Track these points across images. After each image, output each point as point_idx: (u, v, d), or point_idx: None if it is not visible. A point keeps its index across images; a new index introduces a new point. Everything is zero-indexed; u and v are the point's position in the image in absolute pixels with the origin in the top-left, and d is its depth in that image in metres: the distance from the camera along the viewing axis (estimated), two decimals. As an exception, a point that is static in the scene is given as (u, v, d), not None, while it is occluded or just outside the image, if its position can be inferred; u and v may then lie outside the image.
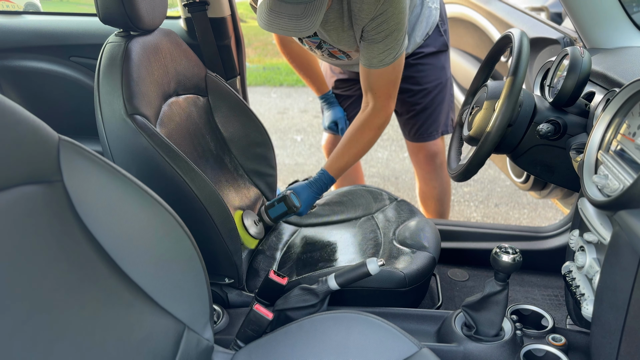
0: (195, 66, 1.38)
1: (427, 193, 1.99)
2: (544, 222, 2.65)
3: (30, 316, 0.58)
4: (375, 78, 1.39)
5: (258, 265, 1.42)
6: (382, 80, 1.39)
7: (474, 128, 1.13)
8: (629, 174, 0.79)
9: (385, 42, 1.30)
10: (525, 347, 1.04)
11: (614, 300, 0.80)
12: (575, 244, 1.01)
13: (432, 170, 1.92)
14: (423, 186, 2.00)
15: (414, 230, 1.40)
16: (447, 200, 2.03)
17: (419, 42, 1.66)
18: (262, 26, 1.15)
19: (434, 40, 1.69)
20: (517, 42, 1.03)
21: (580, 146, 1.01)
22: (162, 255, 0.80)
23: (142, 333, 0.74)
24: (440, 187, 1.96)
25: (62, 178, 0.67)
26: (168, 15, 1.34)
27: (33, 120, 0.63)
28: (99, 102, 1.08)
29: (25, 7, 2.79)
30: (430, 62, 1.71)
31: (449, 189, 2.00)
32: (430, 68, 1.71)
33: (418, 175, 2.00)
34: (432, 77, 1.72)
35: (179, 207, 0.85)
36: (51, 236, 0.63)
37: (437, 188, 1.96)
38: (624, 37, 1.28)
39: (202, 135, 1.36)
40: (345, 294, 1.21)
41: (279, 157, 3.49)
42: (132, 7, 1.08)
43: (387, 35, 1.28)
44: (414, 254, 1.30)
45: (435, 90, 1.75)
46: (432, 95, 1.75)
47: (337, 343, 0.92)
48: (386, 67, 1.35)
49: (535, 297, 1.63)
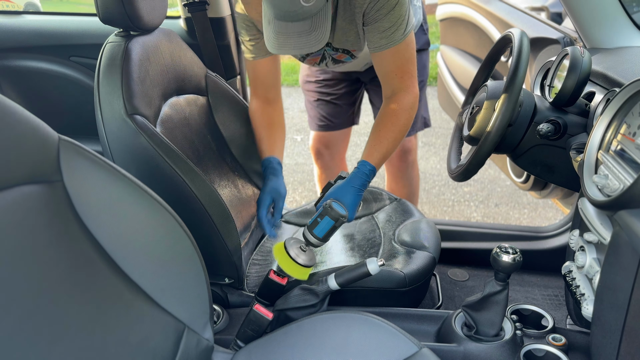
0: (195, 66, 1.37)
1: (396, 192, 2.00)
2: (544, 222, 2.65)
3: (30, 316, 0.58)
4: (389, 60, 1.30)
5: (258, 265, 1.42)
6: (399, 60, 1.30)
7: (474, 128, 1.13)
8: (629, 173, 0.79)
9: (389, 19, 1.23)
10: (526, 347, 1.04)
11: (614, 300, 0.80)
12: (575, 243, 1.01)
13: (404, 168, 1.93)
14: (392, 184, 2.01)
15: (413, 230, 1.40)
16: (415, 201, 2.04)
17: None
18: (273, 51, 1.14)
19: (418, 39, 1.69)
20: (517, 42, 1.03)
21: (580, 146, 1.01)
22: (162, 255, 0.80)
23: (142, 333, 0.74)
24: (409, 187, 1.97)
25: (62, 178, 0.67)
26: (168, 15, 1.34)
27: (33, 120, 0.63)
28: (99, 102, 1.08)
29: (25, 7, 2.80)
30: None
31: (417, 188, 2.01)
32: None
33: (388, 172, 2.01)
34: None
35: (178, 207, 0.85)
36: (51, 236, 0.63)
37: (406, 187, 1.97)
38: (624, 37, 1.28)
39: (203, 135, 1.36)
40: (345, 294, 1.21)
41: (279, 157, 3.48)
42: (132, 7, 1.08)
43: (389, 10, 1.22)
44: (414, 254, 1.30)
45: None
46: None
47: (337, 343, 0.92)
48: (398, 45, 1.26)
49: (535, 297, 1.63)
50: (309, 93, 1.88)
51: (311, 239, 1.19)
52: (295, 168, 3.40)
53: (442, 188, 3.04)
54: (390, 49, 1.26)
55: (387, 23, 1.23)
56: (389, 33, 1.24)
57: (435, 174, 3.19)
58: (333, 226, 1.19)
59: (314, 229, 1.19)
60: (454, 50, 2.42)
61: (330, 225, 1.18)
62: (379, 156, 1.29)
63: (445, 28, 2.57)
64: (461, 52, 2.37)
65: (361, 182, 1.26)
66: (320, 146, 1.97)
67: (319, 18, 1.09)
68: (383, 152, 1.30)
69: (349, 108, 1.88)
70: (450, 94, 2.46)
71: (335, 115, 1.87)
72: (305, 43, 1.10)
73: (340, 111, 1.87)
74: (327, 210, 1.18)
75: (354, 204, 1.24)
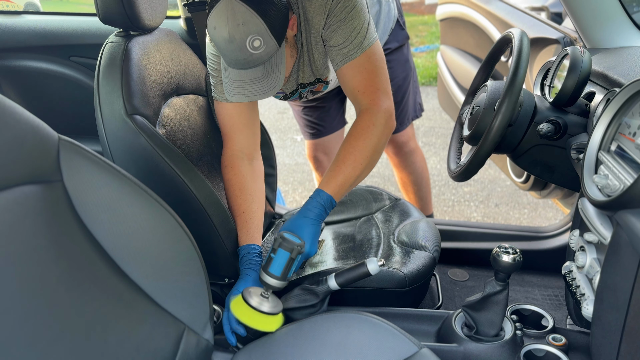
0: (195, 66, 1.37)
1: (404, 179, 2.04)
2: (544, 222, 2.65)
3: (30, 316, 0.58)
4: (350, 75, 1.21)
5: (258, 265, 1.41)
6: (361, 74, 1.20)
7: (474, 128, 1.13)
8: (629, 173, 0.79)
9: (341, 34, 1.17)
10: (526, 347, 1.04)
11: (614, 300, 0.80)
12: (575, 244, 1.01)
13: (403, 158, 1.97)
14: (399, 174, 2.05)
15: (413, 230, 1.40)
16: (426, 184, 2.07)
17: (384, 39, 1.67)
18: (230, 99, 1.12)
19: (396, 35, 1.70)
20: (517, 42, 1.03)
21: (580, 146, 1.01)
22: (162, 255, 0.80)
23: (142, 333, 0.74)
24: (415, 173, 2.01)
25: (62, 178, 0.67)
26: (168, 15, 1.34)
27: (33, 120, 0.63)
28: (99, 102, 1.08)
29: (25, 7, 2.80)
30: (396, 58, 1.73)
31: (424, 173, 2.04)
32: (396, 64, 1.73)
33: (393, 164, 2.05)
34: (399, 71, 1.75)
35: (178, 208, 0.85)
36: (51, 236, 0.63)
37: (412, 174, 2.01)
38: (624, 37, 1.28)
39: (202, 136, 1.36)
40: (345, 294, 1.21)
41: (279, 157, 3.49)
42: (132, 7, 1.08)
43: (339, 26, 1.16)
44: (414, 254, 1.30)
45: (404, 83, 1.78)
46: (401, 89, 1.78)
47: (337, 343, 0.92)
48: (357, 59, 1.18)
49: (535, 297, 1.63)
50: (294, 104, 1.86)
51: (269, 281, 1.05)
52: (295, 168, 3.40)
53: (442, 188, 3.04)
54: (349, 64, 1.19)
55: (340, 38, 1.18)
56: (342, 48, 1.18)
57: (435, 174, 3.19)
58: (290, 258, 1.06)
59: (269, 268, 1.06)
60: (454, 50, 2.42)
61: (286, 258, 1.06)
62: (337, 183, 1.18)
63: (445, 28, 2.57)
64: (461, 52, 2.37)
65: (316, 213, 1.16)
66: (316, 154, 1.97)
67: (272, 64, 1.08)
68: (341, 178, 1.18)
69: (338, 108, 1.86)
70: (450, 94, 2.46)
71: (324, 118, 1.86)
72: (259, 89, 1.09)
73: (328, 115, 1.85)
74: (279, 242, 1.07)
75: (311, 235, 1.14)
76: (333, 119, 1.87)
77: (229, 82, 1.11)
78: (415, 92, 1.88)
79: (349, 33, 1.17)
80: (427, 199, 2.09)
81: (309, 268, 1.31)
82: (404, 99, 1.82)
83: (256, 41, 1.03)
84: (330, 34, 1.18)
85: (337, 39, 1.18)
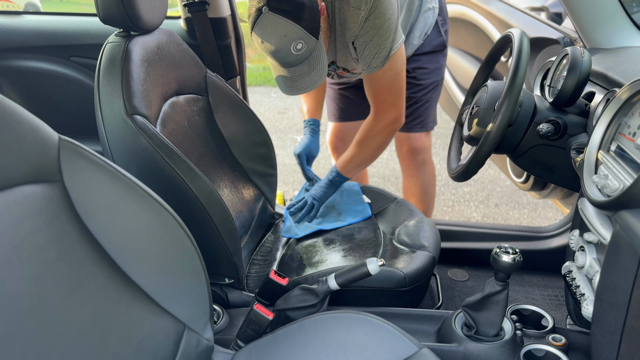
0: (195, 66, 1.38)
1: (409, 189, 2.02)
2: (544, 222, 2.65)
3: (30, 316, 0.58)
4: (370, 83, 1.43)
5: (258, 265, 1.42)
6: (374, 87, 1.43)
7: (474, 128, 1.13)
8: (629, 174, 0.79)
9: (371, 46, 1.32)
10: (526, 347, 1.04)
11: (614, 300, 0.80)
12: (575, 244, 1.01)
13: (414, 166, 1.96)
14: (405, 181, 2.04)
15: (413, 230, 1.40)
16: (430, 199, 2.05)
17: (417, 44, 1.68)
18: (286, 94, 1.30)
19: (433, 40, 1.71)
20: (517, 42, 1.03)
21: (580, 146, 1.01)
22: (162, 255, 0.80)
23: (142, 333, 0.74)
24: (422, 186, 1.99)
25: (62, 178, 0.67)
26: (168, 15, 1.34)
27: (33, 120, 0.63)
28: (99, 102, 1.08)
29: (25, 7, 2.80)
30: (428, 61, 1.74)
31: (431, 189, 2.02)
32: (427, 67, 1.74)
33: (402, 170, 2.04)
34: (428, 75, 1.76)
35: (178, 208, 0.85)
36: (51, 236, 0.63)
37: (417, 186, 1.99)
38: (624, 37, 1.28)
39: (203, 136, 1.36)
40: (345, 294, 1.21)
41: (279, 157, 3.48)
42: (132, 7, 1.08)
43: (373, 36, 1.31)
44: (414, 254, 1.30)
45: (430, 87, 1.79)
46: (425, 91, 1.79)
47: (337, 343, 0.92)
48: (377, 72, 1.37)
49: (535, 297, 1.63)
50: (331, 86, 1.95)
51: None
52: (295, 168, 3.40)
53: (442, 188, 3.04)
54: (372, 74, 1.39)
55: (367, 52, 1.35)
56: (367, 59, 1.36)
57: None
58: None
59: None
60: (454, 50, 2.42)
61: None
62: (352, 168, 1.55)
63: (445, 28, 2.57)
64: (461, 52, 2.37)
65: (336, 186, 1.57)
66: (336, 141, 2.03)
67: (314, 57, 1.22)
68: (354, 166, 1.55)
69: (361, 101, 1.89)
70: (450, 94, 2.46)
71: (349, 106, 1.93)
72: (309, 83, 1.25)
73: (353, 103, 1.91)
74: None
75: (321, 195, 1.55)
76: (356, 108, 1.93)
77: (282, 81, 1.27)
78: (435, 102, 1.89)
79: (375, 50, 1.33)
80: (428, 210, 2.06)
81: (309, 268, 1.31)
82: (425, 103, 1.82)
83: (299, 44, 1.18)
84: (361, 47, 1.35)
85: (364, 52, 1.35)
